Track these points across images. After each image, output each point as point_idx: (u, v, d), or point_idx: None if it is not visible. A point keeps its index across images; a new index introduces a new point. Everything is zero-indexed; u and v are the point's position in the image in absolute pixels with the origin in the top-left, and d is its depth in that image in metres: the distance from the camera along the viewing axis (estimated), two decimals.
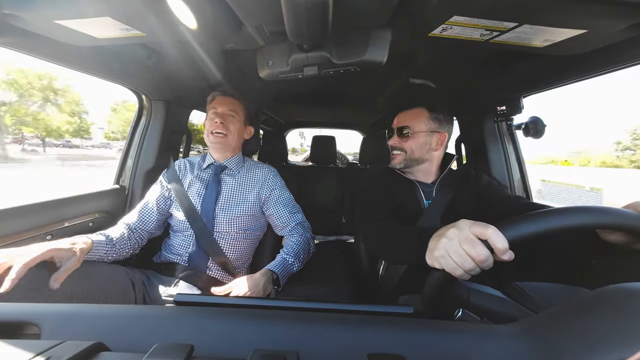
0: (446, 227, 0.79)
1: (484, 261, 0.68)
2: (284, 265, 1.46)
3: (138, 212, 1.56)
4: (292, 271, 1.49)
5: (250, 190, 1.67)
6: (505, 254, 0.67)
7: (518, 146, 2.02)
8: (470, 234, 0.71)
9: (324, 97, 2.65)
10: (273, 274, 1.40)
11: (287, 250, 1.55)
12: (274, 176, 1.77)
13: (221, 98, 1.65)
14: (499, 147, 2.04)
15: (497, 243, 0.66)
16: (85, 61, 1.41)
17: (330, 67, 1.20)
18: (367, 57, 1.12)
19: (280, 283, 1.40)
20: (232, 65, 1.65)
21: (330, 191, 3.12)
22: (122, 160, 1.98)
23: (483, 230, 0.69)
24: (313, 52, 1.14)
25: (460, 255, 0.71)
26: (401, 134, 1.49)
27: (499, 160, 2.04)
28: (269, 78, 1.29)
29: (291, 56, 1.18)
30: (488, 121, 2.04)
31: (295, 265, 1.51)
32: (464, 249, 0.70)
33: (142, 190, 1.94)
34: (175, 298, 0.65)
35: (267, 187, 1.70)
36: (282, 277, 1.42)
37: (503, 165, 2.02)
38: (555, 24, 0.89)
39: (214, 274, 1.55)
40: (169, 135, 2.09)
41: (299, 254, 1.54)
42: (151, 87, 1.88)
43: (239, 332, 0.52)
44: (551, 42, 1.00)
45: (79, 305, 0.58)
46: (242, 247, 1.64)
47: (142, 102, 1.98)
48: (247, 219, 1.63)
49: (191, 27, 1.03)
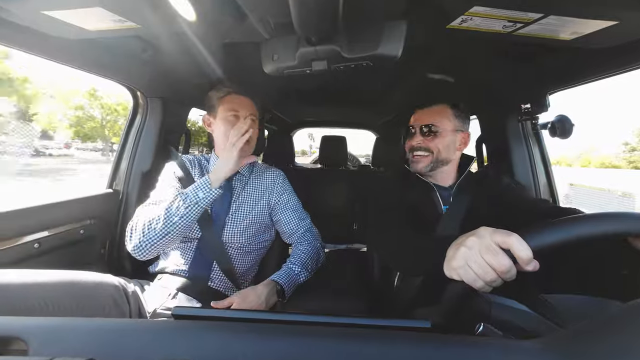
0: (465, 235, 0.78)
1: (506, 272, 0.67)
2: (289, 276, 1.45)
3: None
4: (299, 282, 1.48)
5: (260, 197, 1.67)
6: (529, 264, 0.66)
7: (544, 147, 1.99)
8: (492, 243, 0.70)
9: (333, 94, 2.63)
10: (277, 285, 1.39)
11: (293, 259, 1.54)
12: (282, 180, 1.77)
13: (238, 97, 1.63)
14: (523, 148, 2.00)
15: (521, 252, 0.65)
16: (75, 55, 1.39)
17: (341, 62, 1.20)
18: (380, 51, 1.11)
19: (285, 295, 1.39)
20: (234, 60, 1.63)
21: (340, 196, 3.10)
22: (115, 162, 1.97)
23: (505, 239, 0.68)
24: (322, 45, 1.14)
25: (481, 265, 0.70)
26: (426, 132, 1.45)
27: (523, 162, 2.00)
28: (274, 73, 1.29)
29: (298, 50, 1.17)
30: (511, 120, 2.01)
31: (302, 275, 1.49)
32: (485, 259, 0.70)
33: (138, 194, 1.93)
34: (173, 311, 0.64)
35: (276, 191, 1.70)
36: (287, 288, 1.41)
37: (528, 168, 1.99)
38: (584, 15, 0.88)
39: (215, 286, 1.52)
40: (166, 135, 2.08)
41: (306, 263, 1.53)
42: (146, 83, 1.87)
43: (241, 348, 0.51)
44: (579, 34, 0.99)
45: (69, 319, 0.57)
46: (249, 259, 1.63)
47: (137, 100, 1.97)
48: (256, 227, 1.63)
49: (189, 19, 1.02)
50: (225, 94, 1.61)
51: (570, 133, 1.64)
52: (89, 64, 1.49)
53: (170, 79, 1.86)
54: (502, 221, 1.01)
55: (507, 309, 0.73)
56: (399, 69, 1.76)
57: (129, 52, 1.46)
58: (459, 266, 0.74)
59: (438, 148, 1.44)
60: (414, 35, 1.11)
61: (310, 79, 1.96)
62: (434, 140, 1.45)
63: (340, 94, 2.61)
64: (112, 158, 1.97)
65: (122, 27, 1.07)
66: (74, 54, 1.38)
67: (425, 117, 1.48)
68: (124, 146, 1.98)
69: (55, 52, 1.32)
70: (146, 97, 1.96)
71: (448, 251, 0.81)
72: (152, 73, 1.75)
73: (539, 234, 0.67)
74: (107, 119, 32.94)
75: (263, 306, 1.29)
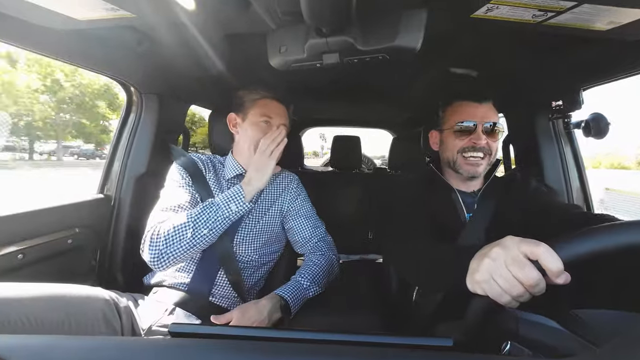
0: (489, 245, 0.78)
1: (534, 285, 0.67)
2: (296, 290, 1.43)
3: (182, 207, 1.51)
4: (307, 297, 1.46)
5: (272, 203, 1.66)
6: (559, 276, 0.65)
7: (577, 148, 1.99)
8: (519, 254, 0.69)
9: (346, 90, 2.60)
10: (282, 300, 1.38)
11: (303, 271, 1.52)
12: (297, 185, 1.77)
13: (273, 103, 1.62)
14: (554, 149, 2.00)
15: (550, 264, 0.64)
16: (63, 47, 1.38)
17: (354, 55, 1.18)
18: (398, 42, 1.10)
19: (290, 311, 1.37)
20: (237, 53, 1.63)
21: (354, 202, 3.10)
22: (107, 165, 1.97)
23: (533, 249, 0.67)
24: (334, 36, 1.12)
25: (507, 278, 0.69)
26: (490, 131, 1.41)
27: (554, 164, 2.00)
28: (282, 67, 1.28)
29: (308, 41, 1.16)
30: (541, 119, 2.01)
31: (312, 290, 1.48)
32: (511, 271, 0.69)
33: (132, 200, 1.91)
34: (170, 328, 0.64)
35: (289, 196, 1.70)
36: (293, 303, 1.39)
37: (559, 171, 1.99)
38: (622, 3, 0.87)
39: (217, 301, 1.51)
40: (163, 134, 2.08)
41: (317, 276, 1.51)
42: (142, 78, 1.86)
43: None
44: (616, 24, 0.98)
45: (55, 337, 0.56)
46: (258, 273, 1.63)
47: (130, 96, 1.97)
48: (267, 236, 1.62)
49: (189, 8, 1.02)
50: (260, 97, 1.61)
51: (606, 133, 1.67)
52: (78, 56, 1.48)
53: (167, 74, 1.85)
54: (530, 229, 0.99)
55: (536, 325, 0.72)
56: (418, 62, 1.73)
57: (122, 44, 1.45)
58: (483, 280, 0.73)
59: (495, 149, 1.44)
60: (434, 25, 1.09)
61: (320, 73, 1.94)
62: (496, 141, 1.43)
63: (353, 89, 2.59)
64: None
65: (115, 16, 1.06)
66: (61, 46, 1.37)
67: (490, 114, 1.44)
68: (116, 147, 1.97)
69: (40, 43, 1.30)
70: (141, 93, 1.96)
71: (471, 263, 0.80)
72: (148, 67, 1.74)
73: (570, 244, 0.66)
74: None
75: (265, 322, 1.28)
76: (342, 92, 2.70)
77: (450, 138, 1.46)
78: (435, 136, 1.59)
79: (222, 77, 1.81)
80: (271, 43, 1.24)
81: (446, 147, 1.49)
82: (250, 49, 1.60)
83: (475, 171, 1.42)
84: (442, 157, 1.54)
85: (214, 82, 1.88)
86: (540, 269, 0.66)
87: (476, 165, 1.41)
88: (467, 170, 1.42)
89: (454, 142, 1.44)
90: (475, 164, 1.41)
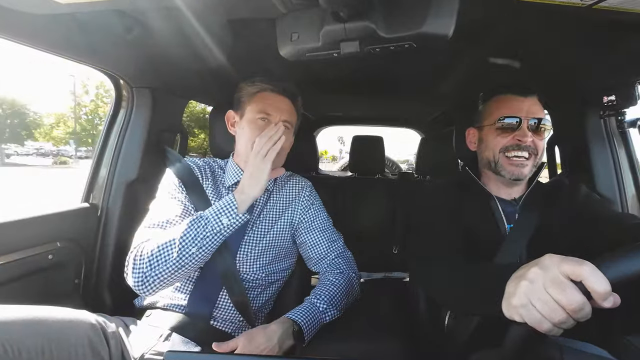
0: (527, 265, 0.78)
1: (578, 310, 0.66)
2: (311, 314, 1.41)
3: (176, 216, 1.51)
4: (324, 321, 1.45)
5: (282, 212, 1.66)
6: (606, 299, 0.64)
7: (632, 150, 1.98)
8: (559, 274, 0.69)
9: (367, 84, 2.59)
10: (294, 325, 1.36)
11: (319, 292, 1.51)
12: (310, 191, 1.77)
13: (275, 98, 1.60)
14: (606, 151, 2.00)
15: (595, 285, 0.64)
16: (43, 35, 1.38)
17: (377, 43, 1.17)
18: (426, 29, 1.08)
19: (304, 338, 1.35)
20: (242, 41, 1.63)
21: (376, 211, 3.09)
22: (92, 170, 1.98)
23: (575, 269, 0.67)
24: (353, 22, 1.11)
25: (547, 302, 0.69)
26: (535, 128, 1.40)
27: (606, 168, 1.99)
28: (293, 57, 1.27)
29: (323, 28, 1.15)
30: (591, 116, 2.01)
31: (329, 313, 1.46)
32: (551, 295, 0.68)
33: (121, 209, 1.92)
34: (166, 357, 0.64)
35: (301, 205, 1.70)
36: (307, 328, 1.36)
37: (612, 176, 1.98)
38: None
39: (219, 325, 1.50)
40: (157, 134, 2.10)
41: (335, 298, 1.50)
42: (132, 70, 1.88)
43: None
44: None
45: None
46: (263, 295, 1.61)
47: (119, 91, 1.99)
48: (275, 252, 1.61)
49: None
50: (258, 90, 1.60)
51: None
52: (59, 46, 1.49)
53: (161, 65, 1.85)
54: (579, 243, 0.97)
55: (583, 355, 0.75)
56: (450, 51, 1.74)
57: (110, 31, 1.45)
58: (521, 304, 0.73)
59: (542, 149, 1.43)
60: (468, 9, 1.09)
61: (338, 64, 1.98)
62: (542, 139, 1.42)
63: (375, 83, 2.59)
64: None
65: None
66: (40, 34, 1.37)
67: (535, 109, 1.43)
68: (103, 149, 1.99)
69: (16, 30, 1.30)
70: (131, 87, 1.98)
71: (507, 286, 0.81)
72: (139, 58, 1.74)
73: (618, 262, 0.66)
74: None
75: (275, 351, 1.27)
76: (362, 87, 2.69)
77: (492, 135, 1.45)
78: (473, 134, 1.59)
79: (224, 70, 1.81)
80: (281, 30, 1.23)
81: (486, 146, 1.48)
82: (257, 37, 1.58)
83: (520, 173, 1.39)
84: (481, 158, 1.54)
85: (214, 75, 1.88)
86: (585, 291, 0.65)
87: (521, 166, 1.39)
88: (510, 171, 1.40)
89: (495, 139, 1.44)
90: (519, 164, 1.39)
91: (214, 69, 1.86)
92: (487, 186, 1.52)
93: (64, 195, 8.87)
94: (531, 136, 1.37)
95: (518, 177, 1.40)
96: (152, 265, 1.26)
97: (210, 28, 1.43)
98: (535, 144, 1.39)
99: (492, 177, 1.51)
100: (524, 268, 0.78)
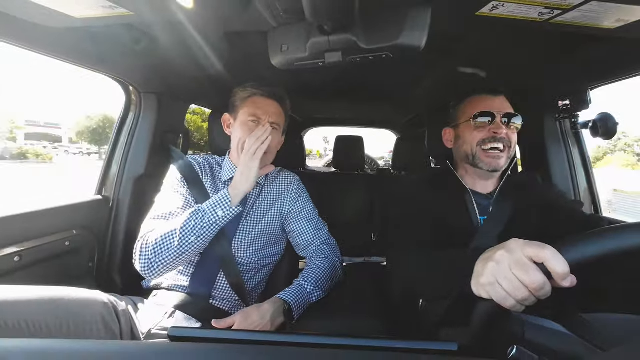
0: (494, 248, 0.79)
1: (539, 289, 0.67)
2: (300, 294, 1.44)
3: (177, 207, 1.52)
4: (311, 301, 1.47)
5: (272, 204, 1.67)
6: (565, 279, 0.65)
7: (584, 148, 2.00)
8: (523, 257, 0.70)
9: (349, 89, 2.63)
10: (285, 304, 1.39)
11: (307, 275, 1.53)
12: (297, 185, 1.78)
13: (264, 101, 1.61)
14: (561, 150, 2.02)
15: (556, 266, 0.65)
16: (60, 46, 1.39)
17: (357, 53, 1.18)
18: (402, 40, 1.10)
19: (293, 315, 1.38)
20: (237, 52, 1.63)
21: (357, 203, 3.11)
22: (105, 166, 1.99)
23: (538, 252, 0.68)
24: (336, 34, 1.12)
25: (511, 282, 0.70)
26: (508, 123, 1.40)
27: (561, 165, 2.01)
28: (283, 66, 1.28)
29: (310, 40, 1.16)
30: (548, 118, 2.02)
31: (315, 294, 1.49)
32: (516, 275, 0.70)
33: (131, 201, 1.94)
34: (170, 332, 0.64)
35: (290, 198, 1.71)
36: (296, 307, 1.40)
37: (566, 171, 2.00)
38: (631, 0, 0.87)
39: (218, 304, 1.52)
40: (162, 135, 2.10)
41: (320, 280, 1.52)
42: (140, 77, 1.88)
43: None
44: (625, 22, 0.98)
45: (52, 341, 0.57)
46: (256, 277, 1.63)
47: (129, 95, 1.99)
48: (266, 238, 1.63)
49: (187, 5, 1.03)
50: (249, 94, 1.60)
51: (614, 133, 1.68)
52: (75, 55, 1.49)
53: (166, 73, 1.86)
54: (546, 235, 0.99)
55: (543, 330, 0.73)
56: (423, 61, 1.76)
57: (120, 42, 1.45)
58: (488, 283, 0.74)
59: (515, 143, 1.43)
60: (439, 23, 1.10)
61: (323, 72, 1.97)
62: (515, 133, 1.42)
63: (356, 89, 2.61)
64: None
65: (112, 14, 1.07)
66: (58, 45, 1.38)
67: (506, 105, 1.44)
68: (114, 147, 2.00)
69: (36, 41, 1.32)
70: (140, 92, 1.98)
71: (476, 266, 0.82)
72: (146, 66, 1.75)
73: (577, 246, 0.66)
74: None
75: (268, 327, 1.29)
76: (344, 92, 2.71)
77: (468, 131, 1.45)
78: (449, 133, 1.59)
79: (221, 77, 1.82)
80: (272, 42, 1.24)
81: (464, 142, 1.47)
82: (251, 48, 1.60)
83: (497, 164, 1.39)
84: (459, 153, 1.52)
85: (213, 82, 1.89)
86: (546, 272, 0.66)
87: (497, 158, 1.38)
88: (488, 163, 1.39)
89: (472, 134, 1.43)
90: (496, 156, 1.38)
91: (212, 76, 1.87)
92: (463, 179, 1.51)
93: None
94: (505, 129, 1.38)
95: (495, 168, 1.39)
96: (156, 252, 1.29)
97: (209, 40, 1.44)
98: (509, 136, 1.38)
99: (470, 170, 1.50)
100: (491, 251, 0.79)
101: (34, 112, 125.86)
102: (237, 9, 1.09)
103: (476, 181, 1.51)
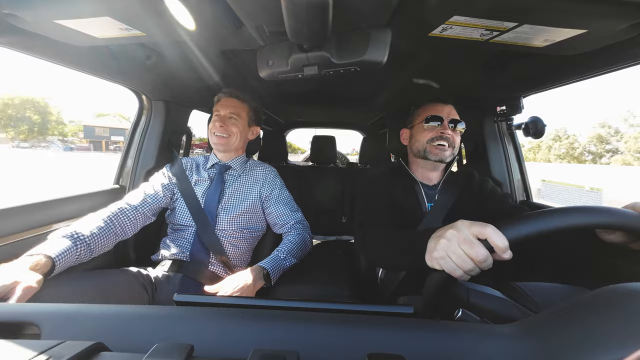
0: (444, 227, 0.79)
1: (483, 261, 0.68)
2: (275, 261, 1.47)
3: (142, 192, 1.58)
4: (285, 267, 1.50)
5: (251, 189, 1.69)
6: (505, 252, 0.66)
7: (518, 146, 2.04)
8: (469, 235, 0.71)
9: (324, 97, 2.66)
10: (263, 270, 1.41)
11: (281, 247, 1.56)
12: (274, 176, 1.80)
13: (225, 100, 1.68)
14: (499, 147, 2.06)
15: (497, 241, 0.66)
16: (85, 61, 1.41)
17: (330, 67, 1.19)
18: (367, 57, 1.11)
19: (271, 279, 1.41)
20: (231, 66, 1.65)
21: (330, 191, 3.13)
22: (122, 160, 1.99)
23: (482, 230, 0.69)
24: (313, 52, 1.14)
25: (460, 256, 0.70)
26: (454, 127, 1.46)
27: (499, 160, 2.05)
28: (269, 78, 1.29)
29: (291, 56, 1.17)
30: (488, 121, 2.06)
31: (288, 260, 1.51)
32: (463, 250, 0.70)
33: None
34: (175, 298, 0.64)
35: (268, 185, 1.73)
36: (273, 272, 1.42)
37: (503, 166, 2.04)
38: (555, 23, 0.89)
39: (215, 270, 1.56)
40: (169, 135, 2.10)
41: (292, 250, 1.55)
42: (151, 87, 1.89)
43: (239, 332, 0.52)
44: (551, 41, 1.00)
45: (79, 306, 0.57)
46: (241, 246, 1.65)
47: (142, 102, 1.99)
48: (247, 217, 1.66)
49: (190, 28, 1.03)
50: (218, 99, 1.69)
51: (542, 133, 1.68)
52: (97, 69, 1.50)
53: (173, 83, 1.87)
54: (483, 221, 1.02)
55: (484, 295, 0.75)
56: (385, 73, 1.77)
57: (134, 58, 1.46)
58: (440, 257, 0.75)
59: (458, 144, 1.47)
60: (398, 42, 1.11)
61: (302, 83, 1.97)
62: (458, 136, 1.47)
63: (330, 96, 2.63)
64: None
65: (128, 35, 1.07)
66: (83, 60, 1.39)
67: (453, 112, 1.48)
68: (130, 145, 2.00)
69: (66, 58, 1.33)
70: (150, 100, 1.99)
71: (429, 243, 0.81)
72: (156, 78, 1.76)
73: (514, 226, 0.68)
74: None
75: (251, 288, 1.31)
76: (320, 99, 2.74)
77: (420, 131, 1.49)
78: (406, 133, 1.61)
79: (218, 87, 1.82)
80: (260, 57, 1.25)
81: (416, 140, 1.51)
82: (242, 63, 1.62)
83: (443, 155, 1.44)
84: (412, 149, 1.55)
85: (211, 91, 1.88)
86: (489, 247, 0.67)
87: (443, 150, 1.43)
88: (435, 154, 1.44)
89: (423, 133, 1.47)
90: (442, 149, 1.43)
91: (211, 86, 1.89)
92: (414, 173, 1.54)
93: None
94: (450, 131, 1.43)
95: (441, 159, 1.44)
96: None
97: (208, 56, 1.46)
98: (453, 137, 1.43)
99: (420, 163, 1.53)
100: (442, 230, 0.79)
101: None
102: (231, 30, 1.09)
103: (424, 174, 1.54)
